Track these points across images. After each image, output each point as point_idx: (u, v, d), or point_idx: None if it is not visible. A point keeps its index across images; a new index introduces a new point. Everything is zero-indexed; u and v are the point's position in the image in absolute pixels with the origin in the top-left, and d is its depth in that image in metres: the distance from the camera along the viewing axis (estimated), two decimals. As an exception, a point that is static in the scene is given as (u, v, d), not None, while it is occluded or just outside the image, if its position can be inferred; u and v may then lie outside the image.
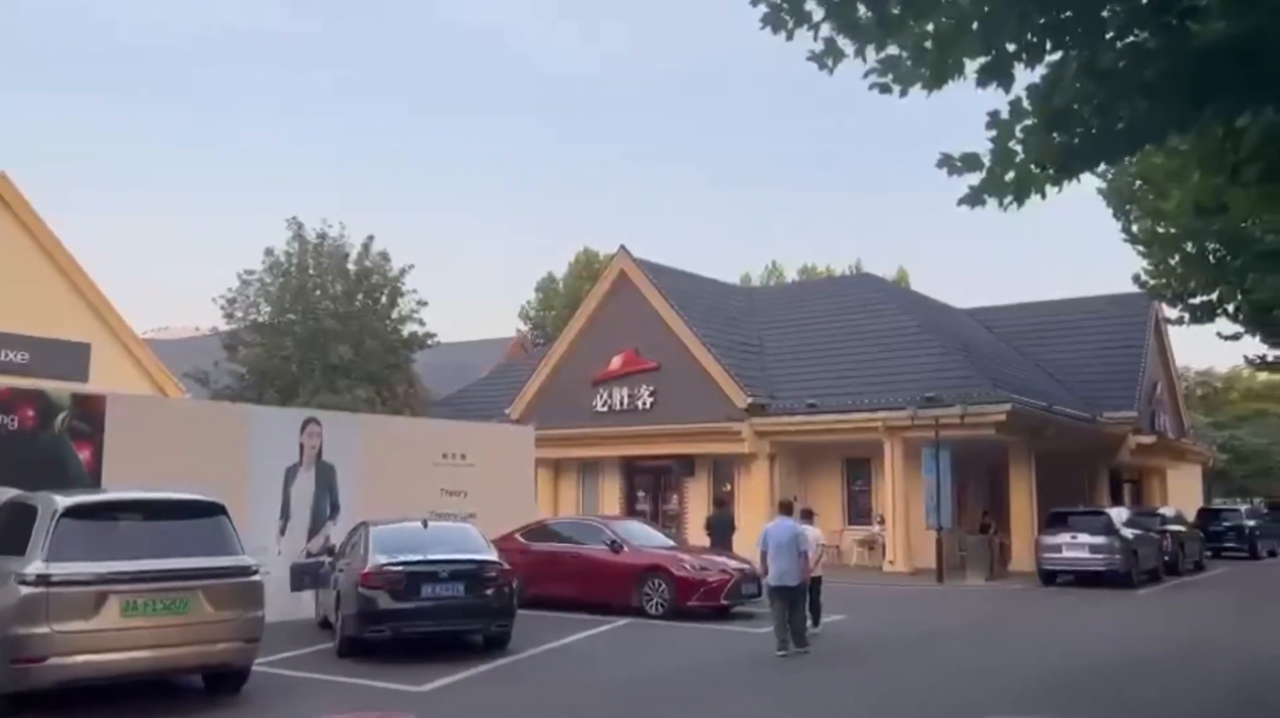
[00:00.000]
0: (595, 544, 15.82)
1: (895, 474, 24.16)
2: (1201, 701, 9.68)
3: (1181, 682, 10.55)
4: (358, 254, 30.10)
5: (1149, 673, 11.03)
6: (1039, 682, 10.43)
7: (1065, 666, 11.39)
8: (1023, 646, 13.21)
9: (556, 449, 29.03)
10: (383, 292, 29.74)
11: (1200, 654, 12.45)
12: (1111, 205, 18.15)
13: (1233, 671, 11.33)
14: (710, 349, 26.56)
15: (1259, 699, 9.83)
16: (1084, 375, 29.67)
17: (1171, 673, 11.13)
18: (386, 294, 29.82)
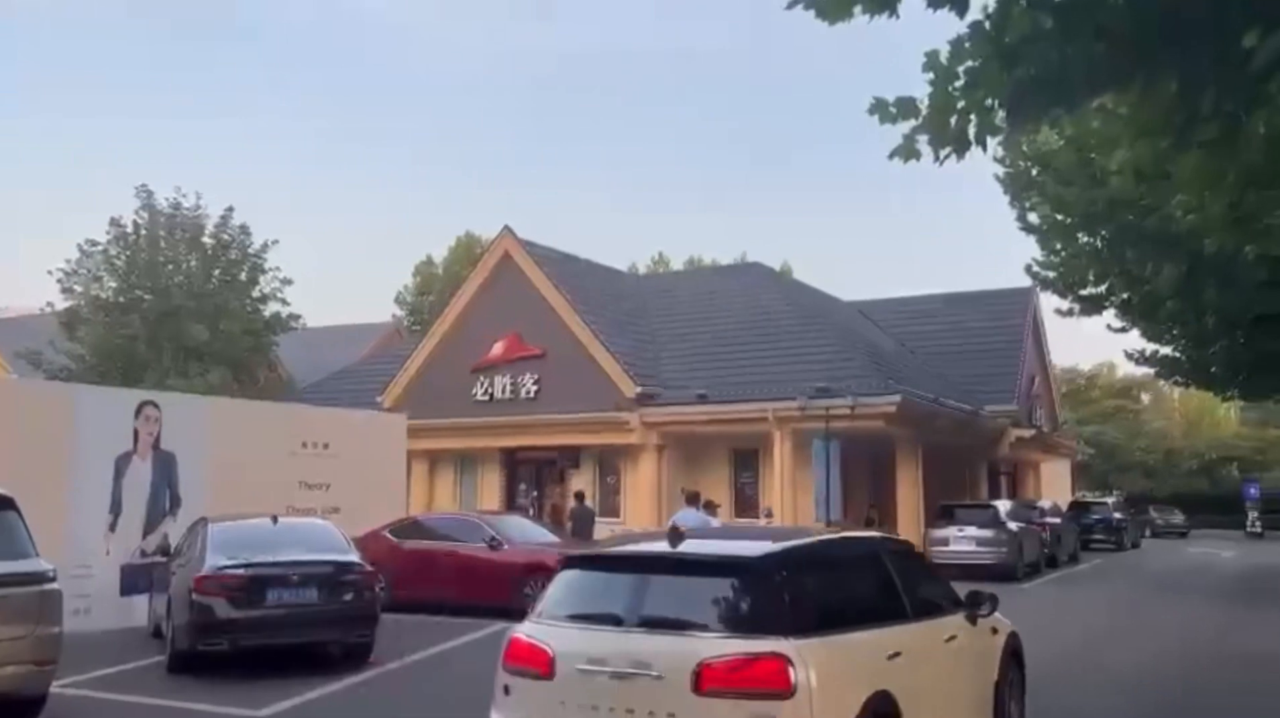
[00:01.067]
0: (472, 542, 14.53)
1: (784, 466, 23.57)
2: (1132, 696, 9.14)
3: (1097, 676, 10.02)
4: (215, 227, 27.68)
5: (1065, 670, 10.48)
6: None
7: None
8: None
9: (432, 440, 27.39)
10: (242, 268, 27.48)
11: (1107, 646, 12.06)
12: (1009, 193, 17.89)
13: (1148, 662, 10.92)
14: (599, 336, 25.45)
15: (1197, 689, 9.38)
16: (965, 370, 29.88)
17: (1085, 668, 10.61)
18: (246, 271, 27.56)
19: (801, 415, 22.71)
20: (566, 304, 25.87)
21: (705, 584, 5.12)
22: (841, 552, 6.13)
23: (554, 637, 5.12)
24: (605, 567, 5.68)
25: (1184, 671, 10.65)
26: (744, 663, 4.57)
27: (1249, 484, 46.11)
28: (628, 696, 4.70)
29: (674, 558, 5.36)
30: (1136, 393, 60.54)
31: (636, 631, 4.91)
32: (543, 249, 27.68)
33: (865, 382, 22.74)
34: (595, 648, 4.90)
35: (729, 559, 5.36)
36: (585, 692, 4.82)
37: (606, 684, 4.77)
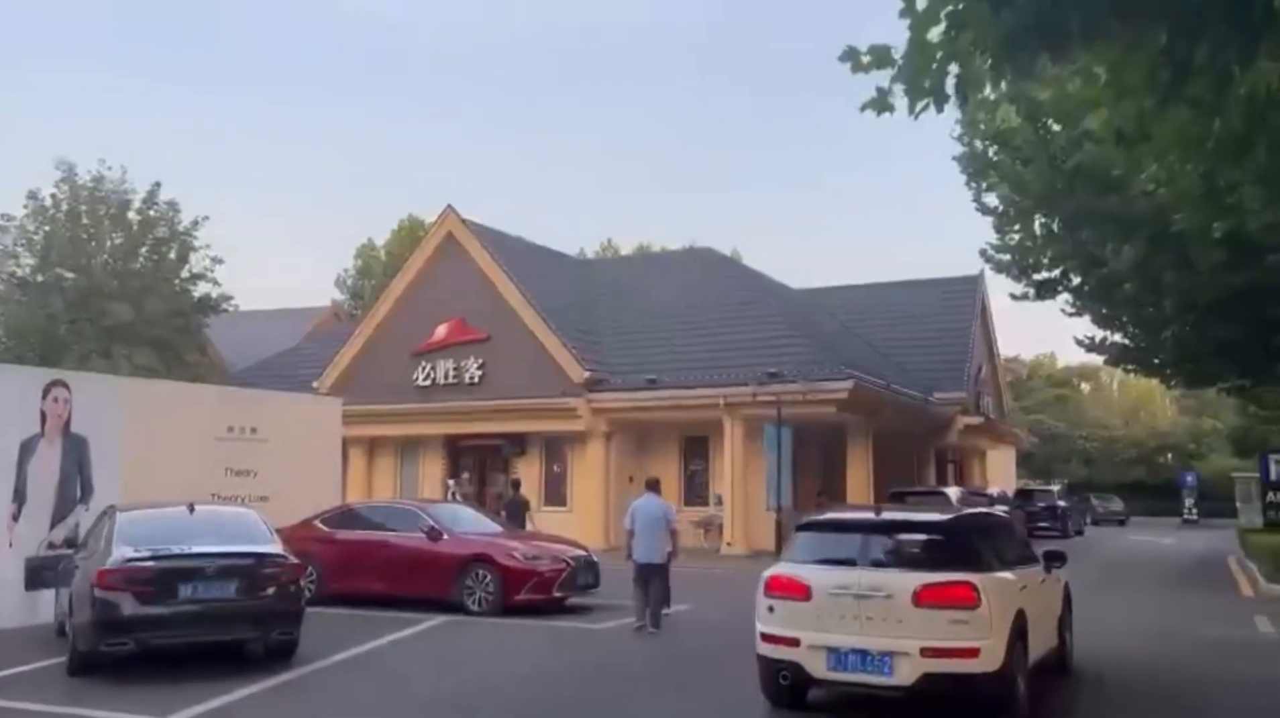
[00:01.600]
0: (410, 532, 13.73)
1: (734, 453, 23.12)
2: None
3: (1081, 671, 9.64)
4: (141, 202, 26.29)
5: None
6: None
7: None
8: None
9: (372, 427, 26.51)
10: (170, 246, 26.14)
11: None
12: (965, 173, 17.53)
13: (1125, 652, 10.58)
14: (545, 320, 24.72)
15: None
16: (915, 357, 29.72)
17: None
18: (175, 249, 26.23)
19: (753, 401, 22.26)
20: (512, 287, 25.10)
21: (913, 539, 7.87)
22: (990, 521, 9.14)
23: (806, 573, 7.43)
24: (834, 529, 8.19)
25: (1160, 657, 10.33)
26: (948, 586, 6.94)
27: (1185, 473, 46.92)
28: (866, 609, 7.06)
29: (891, 522, 8.08)
30: (1077, 383, 61.46)
31: (868, 568, 7.33)
32: (487, 230, 26.85)
33: (817, 367, 22.36)
34: (839, 579, 7.24)
35: (929, 523, 8.20)
36: (835, 608, 7.19)
37: (850, 603, 7.12)
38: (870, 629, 7.03)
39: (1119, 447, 50.77)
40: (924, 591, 6.93)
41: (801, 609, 7.31)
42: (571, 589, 13.23)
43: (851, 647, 7.07)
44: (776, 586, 7.55)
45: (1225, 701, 8.51)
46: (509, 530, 14.75)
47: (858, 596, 7.09)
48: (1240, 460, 48.18)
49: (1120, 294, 16.60)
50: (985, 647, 6.84)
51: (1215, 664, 10.01)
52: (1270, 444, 43.85)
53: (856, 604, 7.08)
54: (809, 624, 7.27)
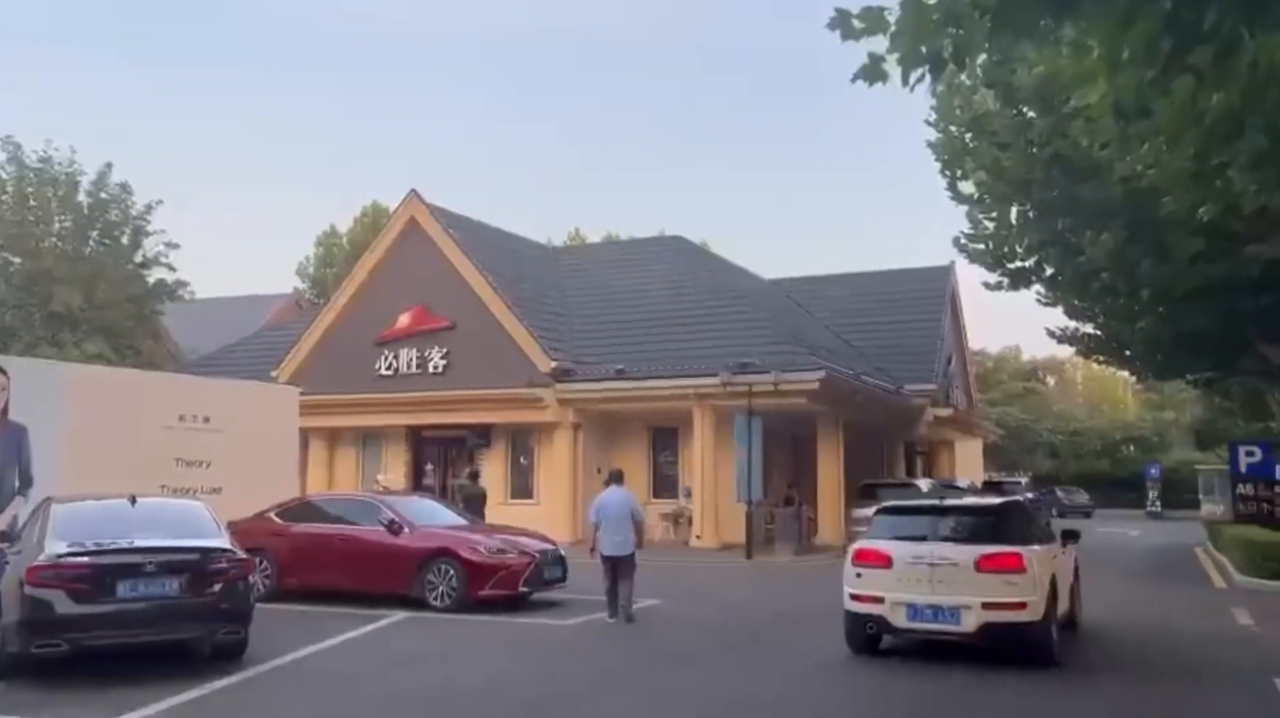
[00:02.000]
0: (369, 525, 13.19)
1: (704, 445, 22.74)
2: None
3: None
4: (92, 184, 25.36)
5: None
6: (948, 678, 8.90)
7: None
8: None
9: (333, 417, 25.85)
10: (122, 230, 25.23)
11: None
12: (940, 160, 17.23)
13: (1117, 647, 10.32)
14: (512, 308, 24.17)
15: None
16: (885, 348, 29.51)
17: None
18: (128, 234, 25.32)
19: (723, 392, 21.89)
20: (477, 274, 24.52)
21: (972, 520, 9.69)
22: (1025, 506, 11.19)
23: (887, 546, 9.29)
24: (907, 513, 10.15)
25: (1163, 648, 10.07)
26: (1002, 556, 8.76)
27: (1149, 466, 47.29)
28: (938, 574, 8.89)
29: (953, 507, 10.11)
30: (1042, 376, 61.85)
31: (938, 542, 9.20)
32: (452, 215, 26.23)
33: (788, 358, 22.03)
34: (915, 551, 9.08)
35: (983, 508, 10.28)
36: (912, 573, 9.01)
37: (925, 569, 8.95)
38: (941, 589, 8.91)
39: (1084, 439, 51.10)
40: (983, 559, 8.88)
41: (884, 575, 9.21)
42: (538, 584, 12.78)
43: (927, 603, 8.98)
44: (863, 556, 9.48)
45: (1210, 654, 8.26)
46: (473, 524, 14.25)
47: (931, 563, 9.03)
48: (1202, 453, 48.72)
49: (1096, 284, 16.40)
50: (1031, 602, 8.75)
51: (1196, 652, 9.78)
52: (1232, 436, 44.51)
53: (930, 570, 9.01)
54: (890, 587, 9.13)
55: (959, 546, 9.11)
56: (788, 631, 11.61)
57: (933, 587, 8.90)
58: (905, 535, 9.45)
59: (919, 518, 9.85)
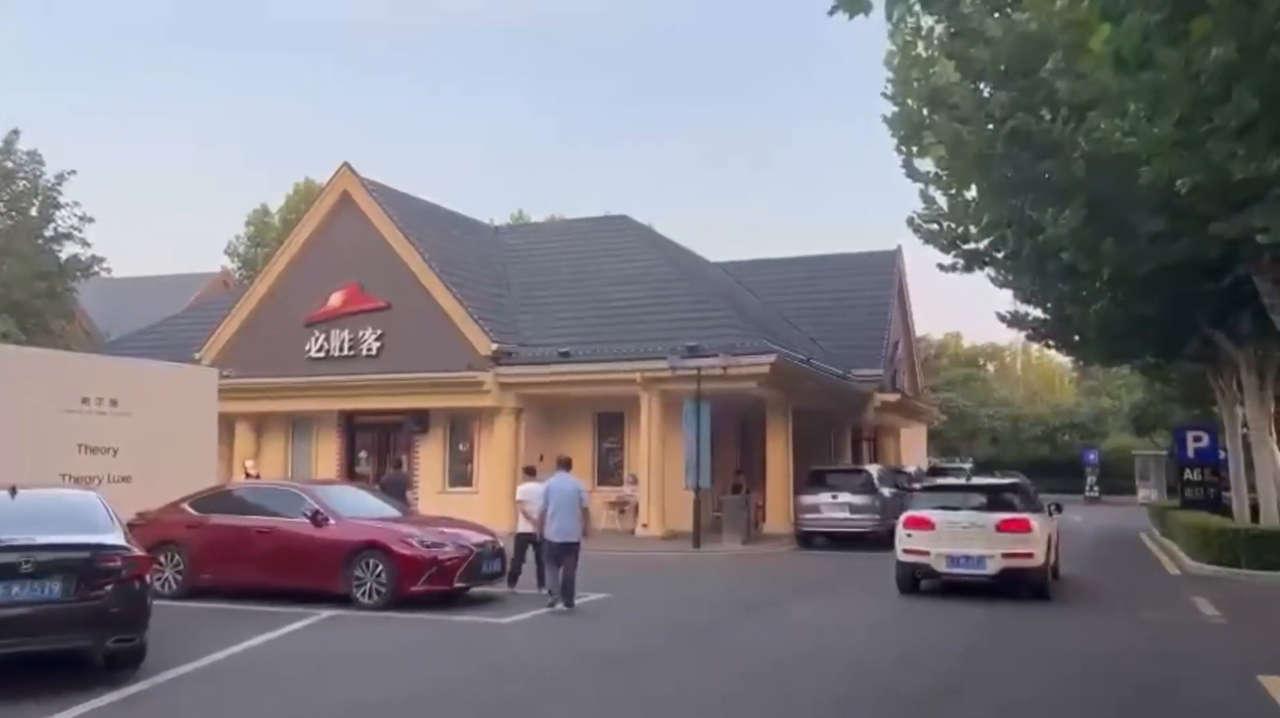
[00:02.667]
0: (292, 516, 12.21)
1: (651, 430, 22.01)
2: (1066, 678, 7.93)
3: (1032, 663, 8.81)
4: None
5: (992, 659, 9.24)
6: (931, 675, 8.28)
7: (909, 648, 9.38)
8: (830, 628, 11.15)
9: (260, 402, 24.60)
10: (31, 202, 23.59)
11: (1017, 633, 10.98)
12: (896, 135, 16.64)
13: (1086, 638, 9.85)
14: (450, 288, 23.13)
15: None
16: (832, 333, 29.08)
17: (1011, 652, 9.43)
18: (37, 206, 23.69)
19: (671, 376, 21.18)
20: (414, 251, 23.43)
21: (991, 495, 12.93)
22: (1026, 484, 14.40)
23: (930, 514, 12.61)
24: (943, 490, 13.84)
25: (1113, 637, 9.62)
26: (1016, 521, 12.03)
27: (1088, 451, 47.87)
28: (969, 534, 12.13)
29: (977, 485, 13.72)
30: (983, 363, 62.40)
31: (969, 511, 12.48)
32: (387, 190, 25.05)
33: (737, 341, 21.38)
34: (951, 518, 12.36)
35: (1000, 486, 13.55)
36: (949, 533, 12.29)
37: (960, 530, 12.18)
38: (971, 545, 12.28)
39: (1025, 425, 51.57)
40: (1003, 523, 12.30)
41: (929, 534, 12.61)
42: (475, 579, 11.93)
43: (961, 554, 12.32)
44: (912, 522, 12.90)
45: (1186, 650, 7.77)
46: (407, 514, 13.32)
47: (964, 526, 12.42)
48: (1138, 439, 49.51)
49: (1054, 265, 15.98)
50: (1036, 553, 12.22)
51: (1172, 648, 9.34)
52: (1167, 423, 45.20)
53: (964, 531, 12.41)
54: (934, 543, 12.53)
55: (983, 513, 12.59)
56: (740, 625, 10.93)
57: (966, 543, 12.35)
58: (943, 506, 13.00)
59: (952, 494, 13.58)
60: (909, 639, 10.09)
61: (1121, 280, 15.01)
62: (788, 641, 10.03)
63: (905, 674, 8.43)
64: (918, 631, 10.70)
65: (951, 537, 12.38)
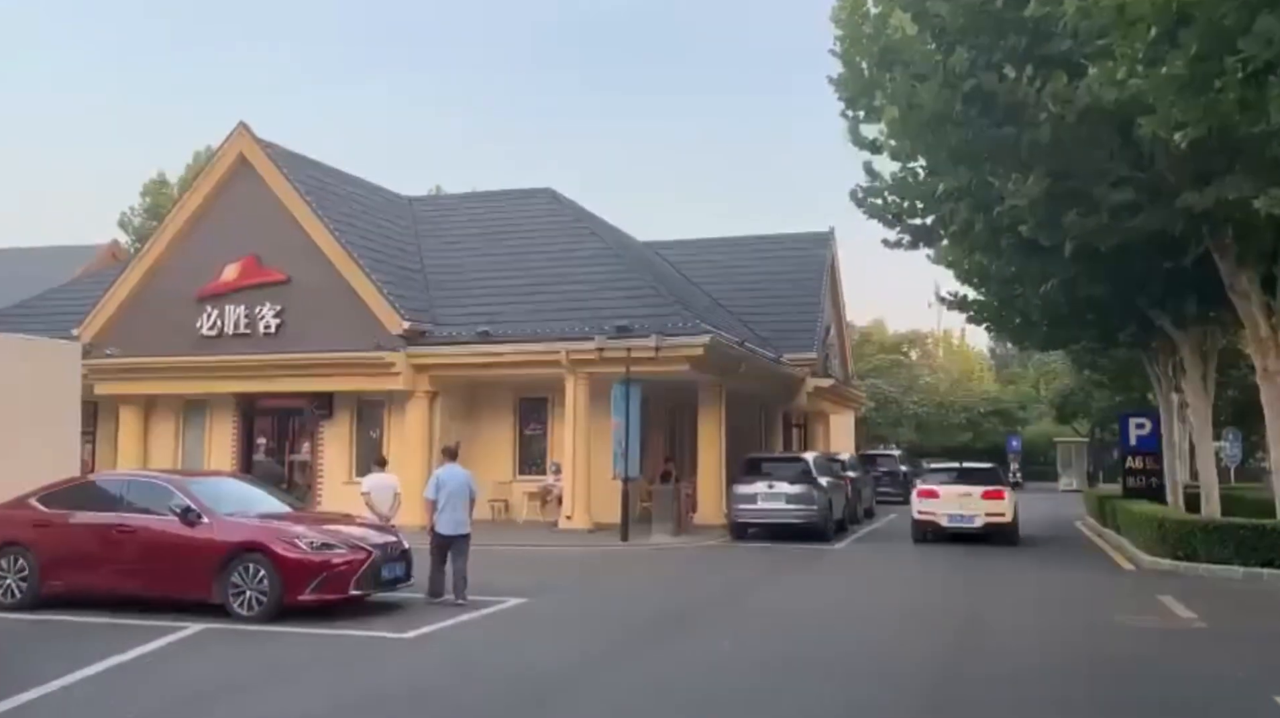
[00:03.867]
0: (159, 512, 10.48)
1: (577, 416, 20.56)
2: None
3: (1005, 663, 7.67)
4: None
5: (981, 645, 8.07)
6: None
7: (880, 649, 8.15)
8: (796, 629, 9.89)
9: (147, 382, 22.49)
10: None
11: (988, 616, 9.90)
12: (843, 97, 15.42)
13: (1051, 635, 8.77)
14: (357, 260, 21.27)
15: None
16: (763, 316, 27.93)
17: (995, 653, 8.29)
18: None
19: (599, 358, 19.77)
20: (316, 220, 21.49)
21: (977, 473, 19.72)
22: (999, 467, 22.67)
23: (936, 487, 19.09)
24: (944, 471, 20.31)
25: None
26: (995, 491, 18.78)
27: (1011, 438, 48.00)
28: (963, 500, 18.56)
29: (967, 469, 20.35)
30: (906, 349, 62.38)
31: (962, 484, 19.04)
32: (288, 154, 22.99)
33: (669, 321, 20.07)
34: (951, 490, 18.87)
35: (982, 469, 20.27)
36: (950, 500, 18.67)
37: (956, 498, 18.62)
38: (964, 508, 18.08)
39: (950, 412, 51.52)
40: (985, 493, 18.22)
41: (935, 501, 18.48)
42: (373, 585, 10.37)
43: (959, 513, 18.11)
44: (923, 493, 18.90)
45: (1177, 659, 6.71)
46: (297, 511, 11.64)
47: (960, 495, 18.30)
48: (1059, 426, 49.91)
49: (1009, 240, 14.99)
50: (1008, 514, 18.03)
51: (1161, 659, 8.34)
52: (1090, 410, 45.56)
53: (959, 499, 18.26)
54: (939, 508, 18.34)
55: (971, 486, 18.70)
56: (682, 635, 9.59)
57: (960, 506, 18.31)
58: (944, 481, 19.27)
59: (951, 473, 19.91)
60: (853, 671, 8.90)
61: (1082, 256, 14.07)
62: (742, 653, 8.72)
63: None
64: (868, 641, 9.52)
65: (950, 502, 18.52)
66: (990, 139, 13.05)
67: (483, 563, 15.59)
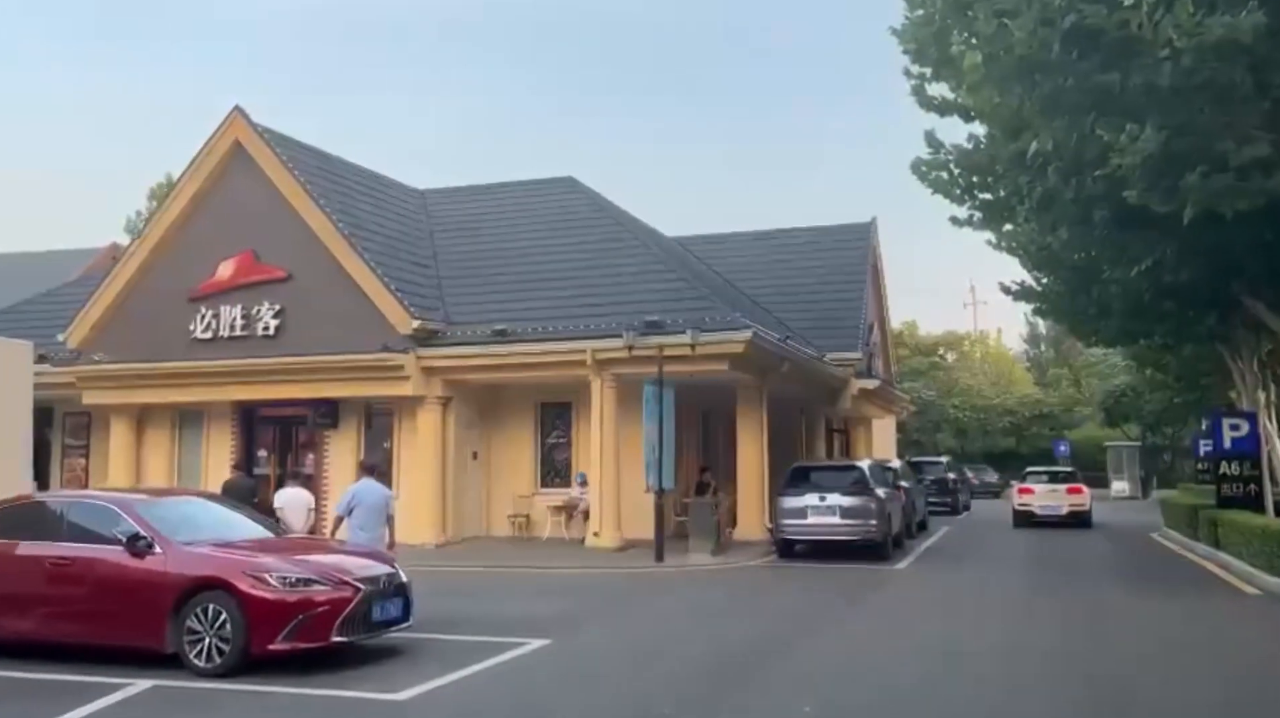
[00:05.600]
0: (104, 541, 8.62)
1: (604, 422, 18.61)
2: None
3: None
4: None
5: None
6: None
7: None
8: (889, 683, 7.86)
9: (138, 391, 20.79)
10: None
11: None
12: (908, 50, 13.42)
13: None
14: (362, 254, 19.44)
15: None
16: (801, 312, 25.83)
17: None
18: None
19: (628, 357, 17.83)
20: (318, 212, 19.67)
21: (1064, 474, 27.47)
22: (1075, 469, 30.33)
23: (1032, 486, 25.83)
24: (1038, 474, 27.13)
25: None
26: (1075, 487, 25.51)
27: (1058, 443, 45.54)
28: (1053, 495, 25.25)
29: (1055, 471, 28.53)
30: (943, 352, 60.02)
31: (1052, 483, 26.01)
32: (289, 142, 21.21)
33: (704, 315, 18.11)
34: (1044, 487, 25.77)
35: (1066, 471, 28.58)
36: (1042, 495, 25.37)
37: (1048, 492, 25.40)
38: (1054, 500, 24.91)
39: (992, 416, 49.14)
40: (1069, 489, 25.27)
41: (1031, 496, 25.26)
42: (363, 629, 8.42)
43: (1050, 504, 24.82)
44: (1023, 490, 25.69)
45: None
46: (275, 539, 9.72)
47: (1050, 490, 25.31)
48: (1108, 430, 47.40)
49: (1104, 210, 12.91)
50: (1087, 503, 25.01)
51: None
52: (1141, 412, 43.06)
53: (1049, 493, 25.17)
54: (1035, 501, 25.08)
55: (1058, 484, 25.42)
56: (745, 690, 7.57)
57: (1051, 499, 24.62)
58: (1038, 481, 25.79)
59: (1042, 474, 26.59)
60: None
61: (1190, 230, 11.98)
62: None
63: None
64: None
65: (1043, 496, 24.97)
66: (1094, 86, 11.02)
67: (500, 589, 13.79)
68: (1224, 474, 18.06)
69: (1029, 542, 21.25)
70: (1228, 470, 18.05)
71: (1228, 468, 18.07)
